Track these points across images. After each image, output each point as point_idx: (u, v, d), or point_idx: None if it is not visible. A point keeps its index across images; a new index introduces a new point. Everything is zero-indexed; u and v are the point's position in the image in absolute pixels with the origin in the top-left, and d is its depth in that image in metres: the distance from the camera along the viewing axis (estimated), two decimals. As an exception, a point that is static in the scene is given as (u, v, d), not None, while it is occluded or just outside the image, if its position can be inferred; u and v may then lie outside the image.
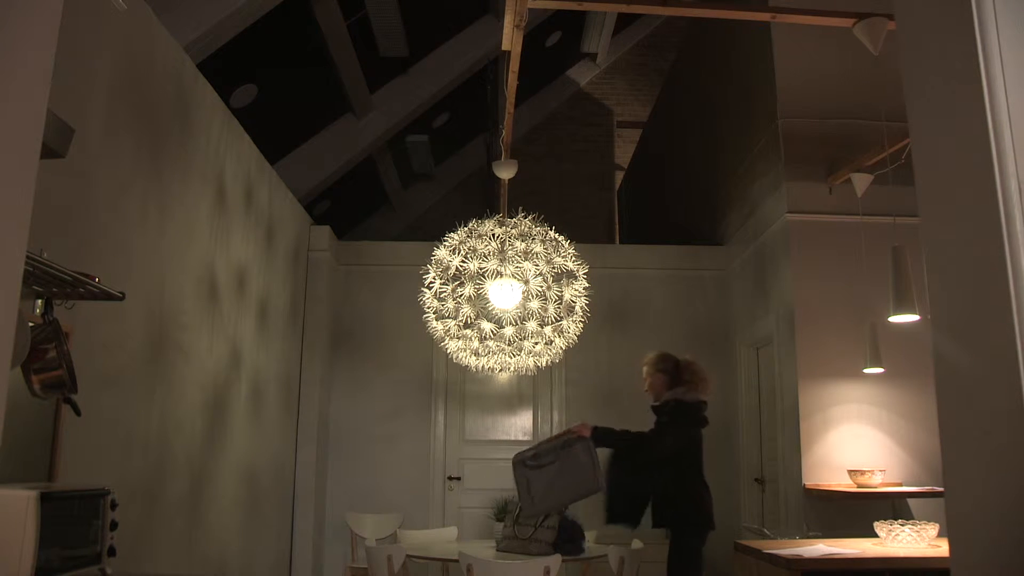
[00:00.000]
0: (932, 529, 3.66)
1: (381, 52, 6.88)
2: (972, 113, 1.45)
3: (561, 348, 4.45)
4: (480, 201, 10.58)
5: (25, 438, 2.49)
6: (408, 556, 4.31)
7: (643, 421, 4.15)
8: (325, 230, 6.53)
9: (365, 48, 6.62)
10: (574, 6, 3.66)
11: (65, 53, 2.07)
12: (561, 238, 4.43)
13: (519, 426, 6.73)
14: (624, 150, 11.38)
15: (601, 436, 3.91)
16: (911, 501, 4.74)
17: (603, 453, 4.02)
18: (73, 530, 2.15)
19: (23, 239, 1.39)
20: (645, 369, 4.24)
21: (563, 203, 10.58)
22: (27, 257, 1.84)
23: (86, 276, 2.37)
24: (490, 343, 4.37)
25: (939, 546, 3.59)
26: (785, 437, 5.21)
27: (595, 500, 4.13)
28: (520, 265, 4.14)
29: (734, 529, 6.14)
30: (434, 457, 6.57)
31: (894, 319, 3.94)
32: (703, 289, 6.80)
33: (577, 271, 4.36)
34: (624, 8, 3.83)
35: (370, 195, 9.75)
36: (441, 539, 5.26)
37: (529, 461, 3.92)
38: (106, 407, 3.10)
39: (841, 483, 4.75)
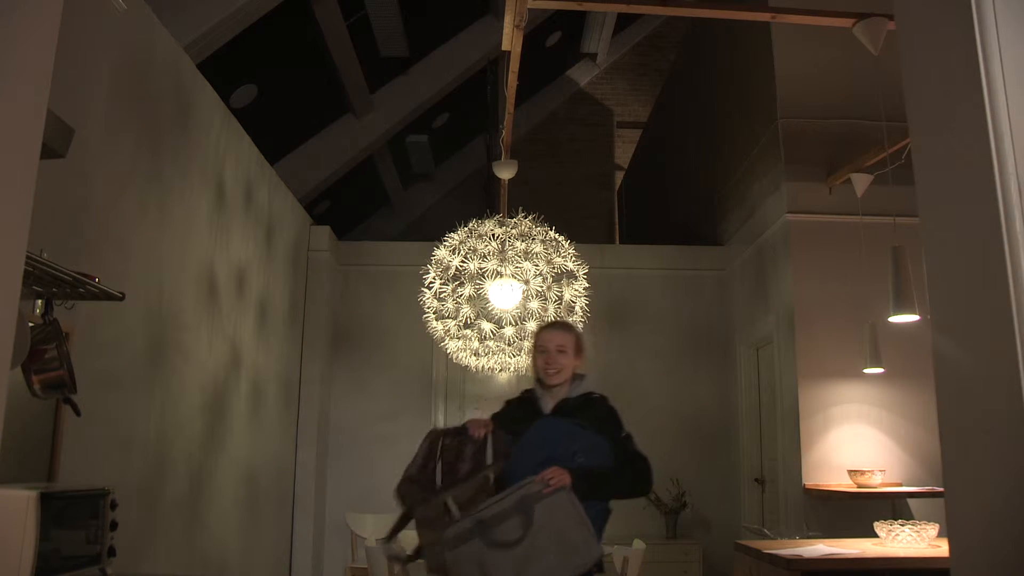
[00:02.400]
0: (932, 529, 3.66)
1: (381, 52, 6.88)
2: (972, 113, 1.45)
3: (561, 348, 4.44)
4: (480, 201, 10.57)
5: (25, 438, 2.49)
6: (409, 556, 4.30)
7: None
8: (325, 230, 6.53)
9: (365, 48, 6.62)
10: (574, 6, 3.67)
11: (65, 53, 2.07)
12: (561, 238, 4.43)
13: (519, 426, 6.73)
14: (624, 150, 11.38)
15: (584, 481, 2.46)
16: (911, 501, 4.74)
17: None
18: (73, 530, 2.15)
19: (23, 239, 1.39)
20: (566, 339, 2.77)
21: (563, 203, 10.58)
22: (27, 257, 1.84)
23: (86, 276, 2.37)
24: (490, 343, 4.37)
25: (939, 546, 3.59)
26: (785, 437, 5.21)
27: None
28: (520, 265, 4.14)
29: (734, 529, 6.14)
30: (434, 457, 6.56)
31: (894, 319, 3.94)
32: (703, 289, 6.80)
33: (577, 271, 4.36)
34: (624, 8, 3.83)
35: (370, 195, 9.75)
36: (441, 539, 5.25)
37: (476, 534, 2.37)
38: (106, 407, 3.10)
39: (841, 483, 4.75)
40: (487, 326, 4.29)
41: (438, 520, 2.39)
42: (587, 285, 4.42)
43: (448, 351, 4.58)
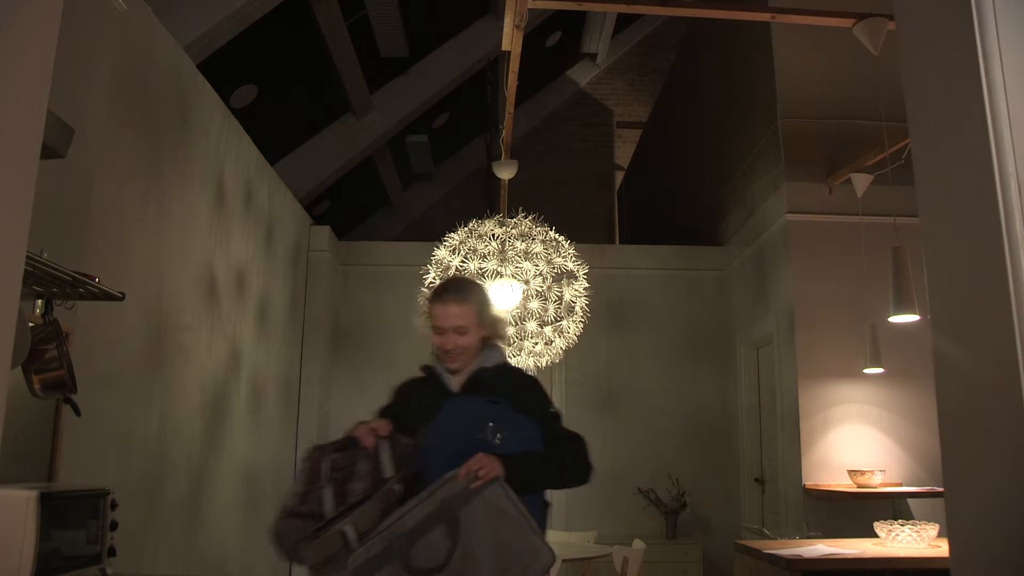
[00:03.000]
0: (932, 529, 3.66)
1: (381, 52, 6.88)
2: (972, 113, 1.45)
3: (561, 348, 4.45)
4: (480, 201, 10.57)
5: (25, 438, 2.49)
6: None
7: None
8: (325, 230, 6.53)
9: (365, 48, 6.62)
10: (574, 6, 3.67)
11: (65, 53, 2.07)
12: (561, 238, 4.43)
13: (519, 426, 6.73)
14: (624, 150, 11.38)
15: (517, 470, 1.97)
16: (911, 501, 4.74)
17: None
18: (73, 530, 2.15)
19: (23, 239, 1.39)
20: (464, 314, 2.25)
21: (563, 203, 10.58)
22: (27, 257, 1.84)
23: (86, 276, 2.37)
24: (490, 343, 4.36)
25: (939, 546, 3.60)
26: (785, 437, 5.21)
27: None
28: (520, 265, 4.14)
29: (734, 529, 6.14)
30: (434, 457, 6.56)
31: (894, 319, 3.94)
32: (703, 289, 6.80)
33: (577, 271, 4.36)
34: (624, 8, 3.83)
35: (370, 195, 9.75)
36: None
37: (389, 557, 1.84)
38: (106, 407, 3.10)
39: (841, 483, 4.75)
40: (487, 326, 4.29)
41: (338, 557, 1.84)
42: (587, 285, 4.43)
43: (448, 351, 4.57)
